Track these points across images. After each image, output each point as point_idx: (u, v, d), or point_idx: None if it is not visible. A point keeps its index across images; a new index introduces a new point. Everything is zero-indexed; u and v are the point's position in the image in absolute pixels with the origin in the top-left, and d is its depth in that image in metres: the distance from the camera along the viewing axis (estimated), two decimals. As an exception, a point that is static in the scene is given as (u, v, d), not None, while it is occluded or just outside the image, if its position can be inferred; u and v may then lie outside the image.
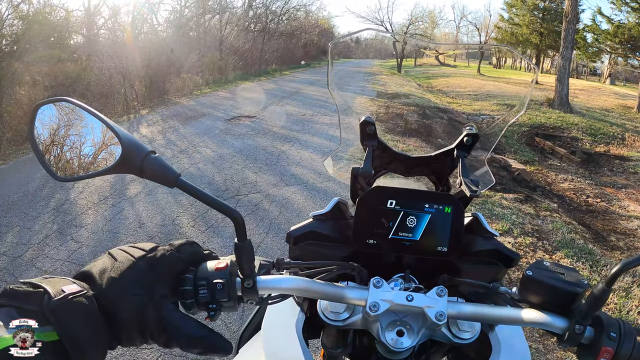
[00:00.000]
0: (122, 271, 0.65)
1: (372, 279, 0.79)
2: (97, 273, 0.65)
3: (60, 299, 0.57)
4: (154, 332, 0.65)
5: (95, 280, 0.64)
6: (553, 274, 0.75)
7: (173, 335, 0.66)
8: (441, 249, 0.94)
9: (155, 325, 0.65)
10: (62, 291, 0.58)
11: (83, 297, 0.59)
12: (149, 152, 0.67)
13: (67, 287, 0.59)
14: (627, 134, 13.85)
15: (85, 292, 0.60)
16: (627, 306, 3.74)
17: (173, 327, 0.66)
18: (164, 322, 0.65)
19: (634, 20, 20.34)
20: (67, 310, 0.57)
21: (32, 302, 0.56)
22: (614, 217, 7.03)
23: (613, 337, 0.69)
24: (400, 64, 35.78)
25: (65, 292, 0.58)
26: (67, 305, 0.57)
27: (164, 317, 0.66)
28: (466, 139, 1.04)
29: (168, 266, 0.69)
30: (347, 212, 1.07)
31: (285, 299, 0.81)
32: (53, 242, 4.42)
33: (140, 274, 0.66)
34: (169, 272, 0.69)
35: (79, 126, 0.72)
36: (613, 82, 38.59)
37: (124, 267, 0.65)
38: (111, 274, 0.64)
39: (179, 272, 0.71)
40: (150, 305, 0.65)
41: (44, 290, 0.57)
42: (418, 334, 0.79)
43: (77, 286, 0.60)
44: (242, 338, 1.30)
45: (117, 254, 0.68)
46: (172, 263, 0.70)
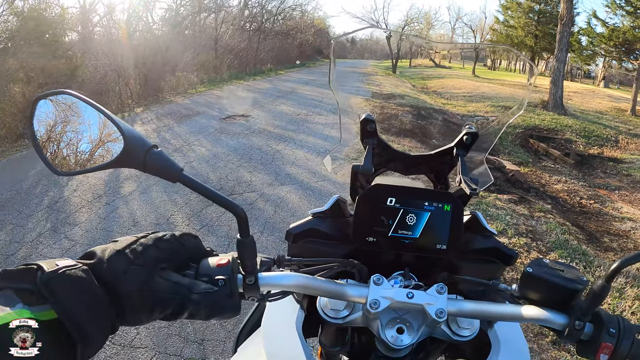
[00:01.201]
0: (124, 245, 0.64)
1: (372, 276, 0.79)
2: (99, 251, 0.63)
3: (53, 271, 0.55)
4: (164, 301, 0.64)
5: (96, 256, 0.62)
6: (553, 271, 0.75)
7: (186, 296, 0.65)
8: (440, 246, 0.94)
9: (166, 291, 0.64)
10: (55, 265, 0.56)
11: (79, 270, 0.57)
12: (152, 146, 0.66)
13: (61, 262, 0.57)
14: (621, 136, 13.94)
15: (80, 266, 0.58)
16: (621, 306, 3.75)
17: (186, 288, 0.65)
18: (175, 286, 0.65)
19: (629, 24, 20.43)
20: (62, 283, 0.54)
21: (26, 281, 0.54)
22: (607, 219, 7.06)
23: (612, 333, 0.69)
24: (395, 64, 35.83)
25: (59, 266, 0.56)
26: (61, 278, 0.55)
27: (175, 281, 0.65)
28: (465, 138, 1.04)
29: (171, 248, 0.68)
30: (347, 210, 1.07)
31: (285, 296, 0.80)
32: (46, 240, 4.40)
33: (144, 249, 0.65)
34: (170, 255, 0.68)
35: (78, 120, 0.71)
36: (607, 85, 38.76)
37: (127, 243, 0.64)
38: (112, 248, 0.63)
39: (180, 262, 0.70)
40: (157, 274, 0.64)
41: (37, 267, 0.55)
42: (418, 331, 0.79)
43: (72, 260, 0.59)
44: (241, 336, 1.30)
45: (119, 238, 0.67)
46: (175, 247, 0.69)
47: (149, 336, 3.08)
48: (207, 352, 2.96)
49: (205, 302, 0.67)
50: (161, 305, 0.64)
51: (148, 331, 3.11)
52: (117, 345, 2.98)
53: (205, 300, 0.67)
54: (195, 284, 0.67)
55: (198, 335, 3.09)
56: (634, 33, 19.75)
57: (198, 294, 0.66)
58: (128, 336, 3.06)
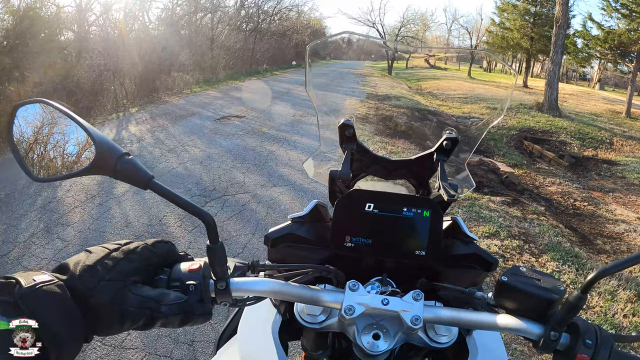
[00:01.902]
0: (96, 260, 0.66)
1: (348, 282, 0.80)
2: (72, 264, 0.66)
3: (30, 286, 0.57)
4: (134, 314, 0.66)
5: (69, 270, 0.65)
6: (528, 279, 0.75)
7: (155, 309, 0.67)
8: (419, 252, 0.94)
9: (134, 305, 0.66)
10: (32, 280, 0.58)
11: (54, 285, 0.60)
12: (123, 153, 0.67)
13: (38, 277, 0.59)
14: (615, 138, 13.98)
15: (56, 281, 0.61)
16: (613, 309, 3.76)
17: (154, 301, 0.67)
18: (144, 300, 0.66)
19: (624, 27, 20.47)
20: (37, 297, 0.57)
21: (5, 294, 0.57)
22: (601, 221, 7.08)
23: (589, 345, 0.69)
24: (391, 66, 35.88)
25: (36, 281, 0.58)
26: (37, 293, 0.57)
27: (144, 294, 0.67)
28: (445, 143, 1.04)
29: (142, 259, 0.70)
30: (326, 215, 1.07)
31: (259, 301, 0.81)
32: (39, 241, 4.39)
33: (115, 262, 0.67)
34: (142, 266, 0.70)
35: (55, 128, 0.73)
36: (602, 87, 38.94)
37: (98, 257, 0.66)
38: (86, 263, 0.65)
39: (152, 270, 0.72)
40: (127, 288, 0.66)
41: (16, 281, 0.58)
42: (394, 337, 0.79)
43: (49, 276, 0.61)
44: (221, 339, 1.30)
45: (93, 248, 0.69)
46: (146, 256, 0.71)
47: (140, 337, 3.08)
48: (197, 353, 2.95)
49: (175, 312, 0.68)
50: (131, 319, 0.66)
51: (139, 332, 3.11)
52: (108, 346, 2.98)
53: (174, 311, 0.68)
54: (164, 296, 0.68)
55: (188, 336, 3.09)
56: (630, 36, 19.78)
57: (167, 305, 0.68)
58: (119, 337, 3.06)
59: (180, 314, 0.69)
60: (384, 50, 37.01)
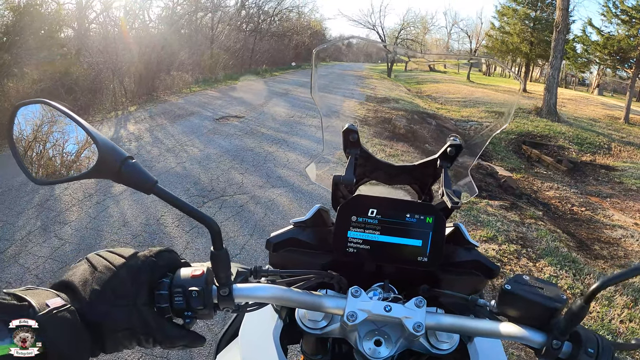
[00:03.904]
0: (104, 282, 0.66)
1: (350, 288, 0.79)
2: (79, 284, 0.66)
3: (44, 313, 0.57)
4: (139, 338, 0.67)
5: (78, 292, 0.65)
6: (532, 288, 0.75)
7: (157, 338, 0.68)
8: (421, 259, 0.94)
9: (140, 331, 0.67)
10: (46, 305, 0.59)
11: (66, 311, 0.60)
12: (127, 157, 0.66)
13: (51, 301, 0.60)
14: (614, 144, 14.02)
15: (68, 307, 0.61)
16: (610, 315, 3.77)
17: (156, 331, 0.68)
18: (147, 328, 0.67)
19: (624, 33, 20.54)
20: (52, 324, 0.57)
21: (18, 316, 0.57)
22: (598, 226, 7.10)
23: (590, 353, 0.69)
24: (391, 68, 35.91)
25: (50, 307, 0.59)
26: (52, 320, 0.58)
27: (148, 323, 0.67)
28: (449, 150, 1.04)
29: (147, 272, 0.70)
30: (328, 220, 1.07)
31: (262, 307, 0.81)
32: (36, 239, 4.37)
33: (122, 284, 0.67)
34: (148, 280, 0.70)
35: (56, 129, 0.71)
36: (601, 92, 39.02)
37: (106, 278, 0.66)
38: (93, 285, 0.65)
39: (156, 277, 0.71)
40: (135, 315, 0.66)
41: (29, 304, 0.58)
42: (396, 344, 0.79)
43: (61, 300, 0.61)
44: (220, 344, 1.30)
45: (96, 262, 0.69)
46: (151, 268, 0.71)
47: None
48: (194, 355, 2.95)
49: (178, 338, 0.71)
50: (137, 340, 0.68)
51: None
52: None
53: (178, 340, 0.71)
54: (167, 327, 0.70)
55: (185, 337, 3.08)
56: (629, 42, 19.85)
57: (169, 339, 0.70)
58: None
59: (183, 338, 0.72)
60: (384, 53, 36.69)
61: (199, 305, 0.71)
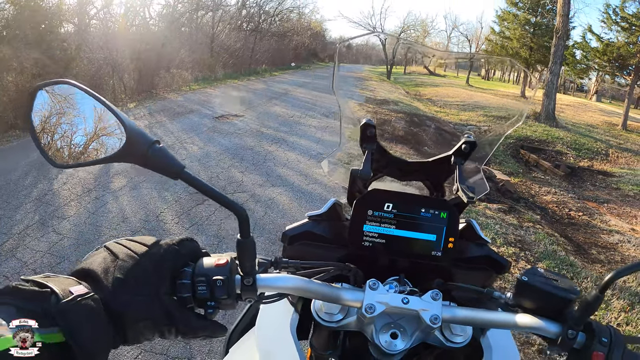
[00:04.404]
0: (126, 270, 0.64)
1: (368, 281, 0.79)
2: (100, 272, 0.64)
3: (68, 301, 0.56)
4: (161, 329, 0.66)
5: (100, 281, 0.63)
6: (547, 280, 0.75)
7: (180, 329, 0.67)
8: (435, 253, 0.95)
9: (162, 322, 0.65)
10: (70, 292, 0.57)
11: (91, 299, 0.58)
12: (154, 141, 0.65)
13: (74, 289, 0.58)
14: (611, 150, 14.06)
15: (92, 295, 0.59)
16: (607, 318, 3.78)
17: (179, 322, 0.67)
18: (170, 319, 0.66)
19: (623, 40, 20.61)
20: (77, 312, 0.56)
21: (38, 302, 0.55)
22: (595, 231, 7.11)
23: (604, 343, 0.70)
24: (390, 70, 35.94)
25: (74, 294, 0.57)
26: (76, 308, 0.56)
27: (170, 314, 0.66)
28: (464, 147, 1.04)
29: (170, 263, 0.69)
30: (343, 214, 1.07)
31: (282, 298, 0.80)
32: (34, 233, 4.36)
33: (145, 273, 0.65)
34: (171, 269, 0.69)
35: (78, 112, 0.69)
36: (599, 99, 39.15)
37: (128, 266, 0.65)
38: (116, 274, 0.63)
39: (179, 266, 0.70)
40: (157, 304, 0.65)
41: (51, 291, 0.56)
42: (412, 337, 0.79)
43: (84, 287, 0.59)
44: (232, 337, 1.29)
45: (118, 250, 0.67)
46: (173, 257, 0.69)
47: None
48: (194, 351, 2.94)
49: (201, 329, 0.70)
50: (160, 331, 0.67)
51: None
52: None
53: (201, 330, 0.70)
54: (190, 318, 0.69)
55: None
56: (628, 49, 19.92)
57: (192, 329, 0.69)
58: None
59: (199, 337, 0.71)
60: (383, 56, 36.72)
61: (222, 295, 0.69)
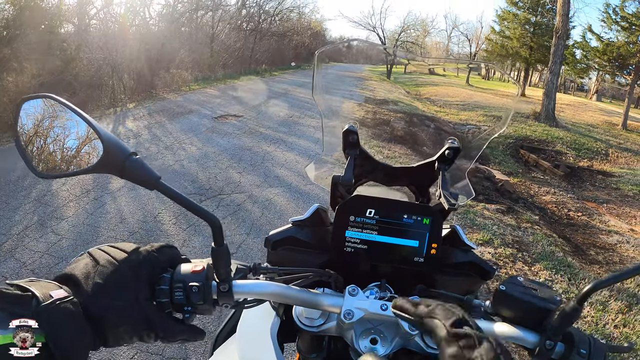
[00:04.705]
0: (106, 276, 0.66)
1: (347, 287, 0.80)
2: (81, 277, 0.66)
3: (48, 304, 0.58)
4: (140, 333, 0.68)
5: (80, 285, 0.65)
6: (526, 289, 0.76)
7: (158, 333, 0.69)
8: (418, 259, 0.95)
9: (141, 326, 0.67)
10: (49, 296, 0.59)
11: (70, 302, 0.60)
12: (131, 153, 0.67)
13: (54, 292, 0.60)
14: (611, 150, 14.03)
15: (71, 298, 0.61)
16: (604, 319, 3.78)
17: (158, 326, 0.68)
18: (149, 323, 0.67)
19: (623, 39, 20.57)
20: (55, 315, 0.58)
21: (21, 306, 0.57)
22: (594, 231, 7.10)
23: (583, 354, 0.70)
24: (390, 70, 35.88)
25: (53, 297, 0.59)
26: (55, 310, 0.58)
27: (149, 319, 0.68)
28: (447, 152, 1.05)
29: (149, 269, 0.70)
30: (327, 219, 1.08)
31: (260, 303, 0.81)
32: (33, 234, 4.37)
33: (124, 279, 0.67)
34: (149, 275, 0.70)
35: (61, 124, 0.71)
36: (599, 98, 39.05)
37: (108, 272, 0.66)
38: (96, 279, 0.65)
39: (157, 272, 0.72)
40: (136, 309, 0.67)
41: (32, 294, 0.58)
42: (391, 342, 0.80)
43: (64, 291, 0.61)
44: (218, 340, 1.30)
45: (99, 256, 0.69)
46: (152, 263, 0.71)
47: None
48: (189, 352, 2.95)
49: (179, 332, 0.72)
50: (138, 335, 0.68)
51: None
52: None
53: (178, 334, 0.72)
54: (168, 323, 0.71)
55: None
56: (628, 48, 19.88)
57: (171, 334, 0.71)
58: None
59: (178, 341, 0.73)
60: (383, 55, 36.76)
61: (198, 301, 0.71)
